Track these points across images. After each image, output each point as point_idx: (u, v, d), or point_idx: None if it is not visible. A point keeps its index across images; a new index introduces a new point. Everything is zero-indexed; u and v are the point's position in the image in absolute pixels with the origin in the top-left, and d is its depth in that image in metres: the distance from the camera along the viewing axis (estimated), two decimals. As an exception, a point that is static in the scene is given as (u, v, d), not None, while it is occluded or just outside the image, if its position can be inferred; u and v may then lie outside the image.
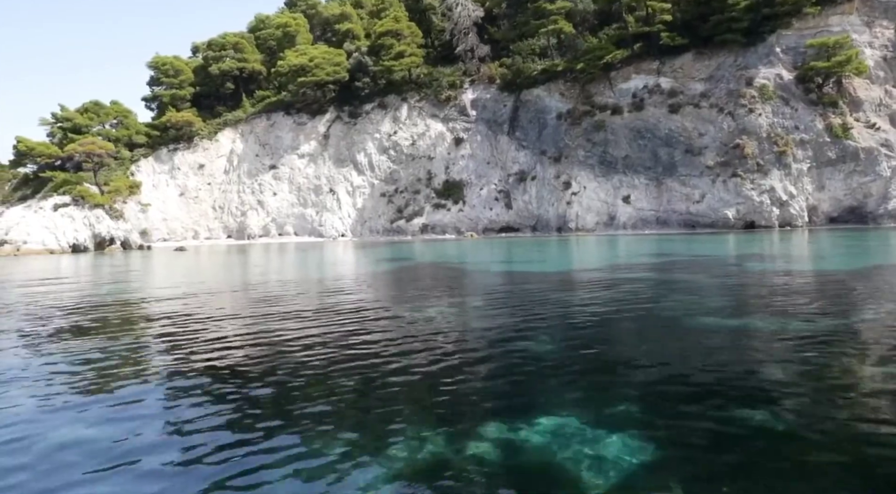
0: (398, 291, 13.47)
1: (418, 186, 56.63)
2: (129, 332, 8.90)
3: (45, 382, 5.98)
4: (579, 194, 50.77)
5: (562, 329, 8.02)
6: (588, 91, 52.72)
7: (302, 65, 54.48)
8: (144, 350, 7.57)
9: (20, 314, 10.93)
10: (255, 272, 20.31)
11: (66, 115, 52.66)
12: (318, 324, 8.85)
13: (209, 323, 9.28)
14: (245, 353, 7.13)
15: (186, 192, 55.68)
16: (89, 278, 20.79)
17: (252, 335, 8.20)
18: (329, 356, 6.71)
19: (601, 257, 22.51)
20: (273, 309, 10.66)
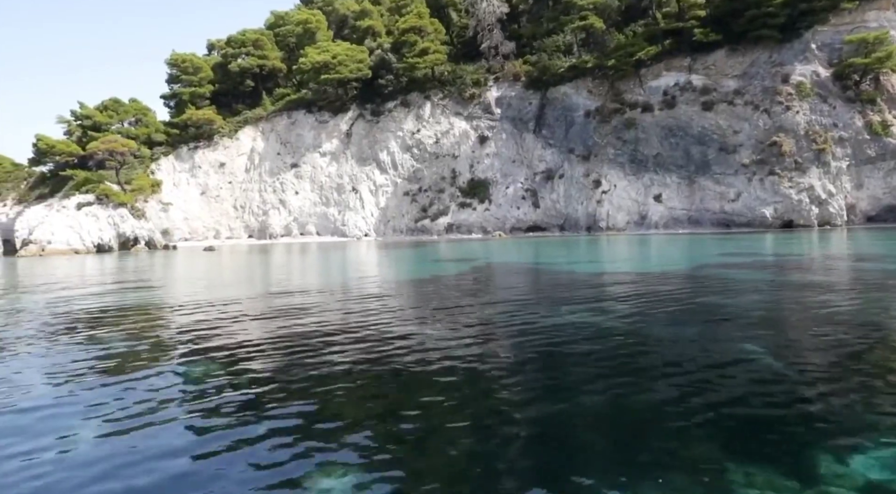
0: (515, 295, 12.47)
1: (442, 185, 55.74)
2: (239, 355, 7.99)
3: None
4: (609, 193, 49.91)
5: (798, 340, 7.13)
6: (617, 88, 51.86)
7: (325, 62, 53.57)
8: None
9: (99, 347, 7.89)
10: (316, 278, 19.32)
11: (85, 112, 51.71)
12: (466, 342, 7.93)
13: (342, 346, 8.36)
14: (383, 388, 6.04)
15: (207, 191, 54.75)
16: (143, 283, 19.86)
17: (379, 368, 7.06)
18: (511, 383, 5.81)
19: (676, 257, 21.64)
20: (382, 329, 9.71)
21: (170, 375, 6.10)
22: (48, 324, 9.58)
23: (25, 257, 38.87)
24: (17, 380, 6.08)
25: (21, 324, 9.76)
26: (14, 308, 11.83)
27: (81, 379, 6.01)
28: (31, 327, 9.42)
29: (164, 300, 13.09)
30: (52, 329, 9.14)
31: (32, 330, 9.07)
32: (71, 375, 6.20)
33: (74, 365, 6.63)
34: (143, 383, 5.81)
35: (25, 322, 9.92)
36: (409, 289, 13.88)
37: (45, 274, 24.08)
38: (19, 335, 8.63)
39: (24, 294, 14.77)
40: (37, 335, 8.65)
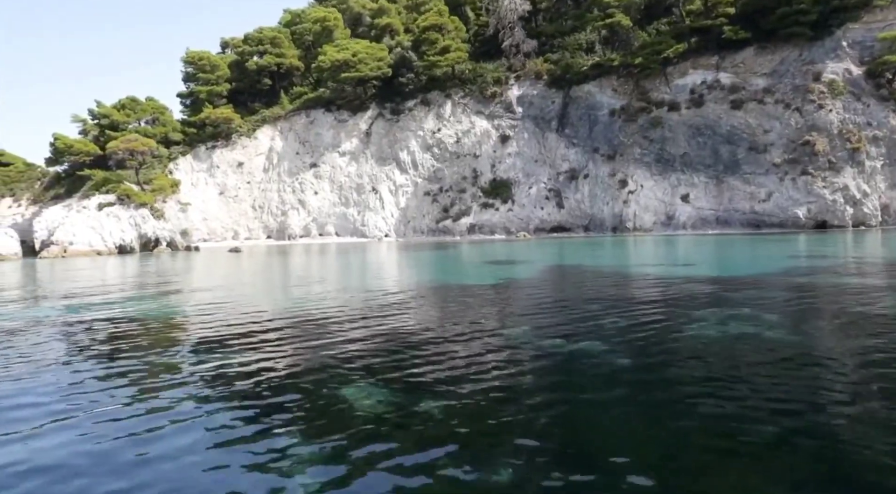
0: (629, 306, 11.57)
1: (464, 185, 54.98)
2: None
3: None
4: (636, 193, 49.19)
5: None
6: (643, 87, 51.15)
7: (345, 60, 52.79)
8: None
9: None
10: (372, 283, 18.50)
11: (103, 111, 50.88)
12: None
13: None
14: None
15: (226, 191, 53.95)
16: (182, 285, 19.06)
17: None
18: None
19: (745, 259, 20.86)
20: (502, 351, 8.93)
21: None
22: (101, 340, 8.79)
23: (47, 258, 38.04)
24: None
25: (75, 335, 8.98)
26: (59, 320, 11.05)
27: (166, 412, 5.22)
28: (84, 340, 8.65)
29: (225, 306, 12.29)
30: (111, 346, 8.37)
31: (87, 345, 8.30)
32: (155, 402, 5.44)
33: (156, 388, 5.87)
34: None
35: (78, 335, 9.13)
36: (512, 297, 13.05)
37: (76, 277, 23.32)
38: (75, 349, 7.86)
39: (67, 301, 13.98)
40: (91, 350, 7.88)
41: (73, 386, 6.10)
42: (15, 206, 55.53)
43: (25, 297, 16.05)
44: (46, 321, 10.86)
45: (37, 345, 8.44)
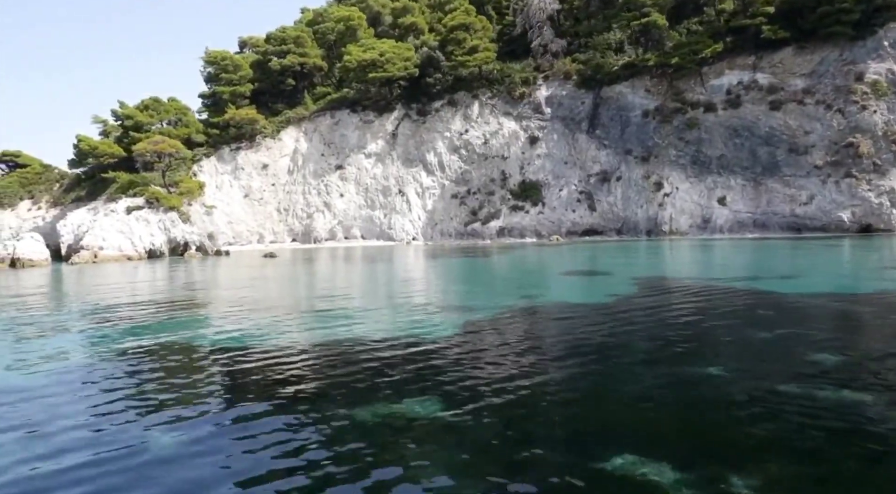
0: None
1: (492, 187, 54.03)
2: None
3: None
4: (672, 196, 48.28)
5: None
6: (677, 87, 50.24)
7: (372, 60, 51.80)
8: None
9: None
10: (451, 298, 17.51)
11: (126, 112, 49.83)
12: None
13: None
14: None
15: (251, 193, 52.94)
16: (239, 299, 18.07)
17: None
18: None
19: (843, 268, 19.94)
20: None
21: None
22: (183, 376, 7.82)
23: (79, 264, 37.01)
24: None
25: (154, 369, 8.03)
26: (126, 348, 10.09)
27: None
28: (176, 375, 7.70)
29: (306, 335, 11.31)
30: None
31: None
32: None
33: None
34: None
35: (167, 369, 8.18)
36: (642, 320, 12.08)
37: (119, 287, 22.34)
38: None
39: (127, 322, 13.00)
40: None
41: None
42: (35, 208, 54.53)
43: (77, 314, 15.05)
44: (109, 345, 9.90)
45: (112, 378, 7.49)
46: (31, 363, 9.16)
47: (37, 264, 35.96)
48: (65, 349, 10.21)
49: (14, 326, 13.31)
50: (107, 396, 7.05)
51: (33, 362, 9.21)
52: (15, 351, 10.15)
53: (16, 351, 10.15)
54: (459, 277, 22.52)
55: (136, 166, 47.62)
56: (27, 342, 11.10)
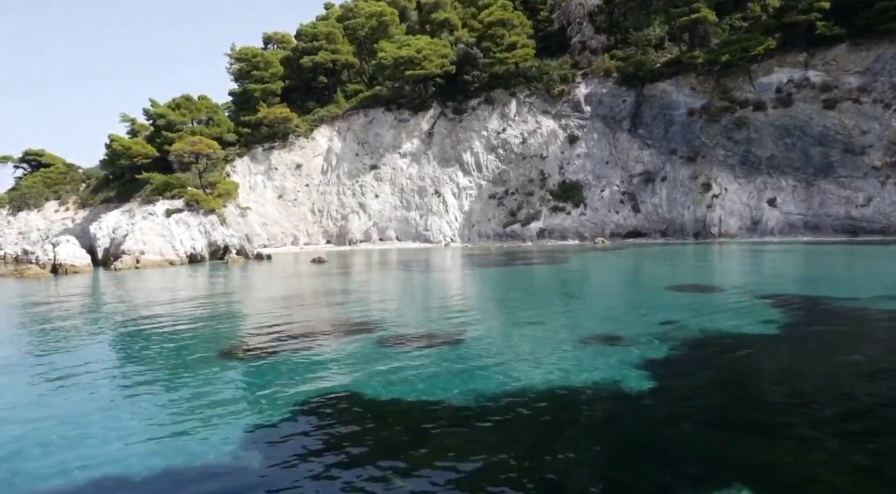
0: None
1: (531, 187, 52.72)
2: None
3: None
4: (721, 197, 47.00)
5: None
6: (724, 85, 48.87)
7: (409, 57, 50.41)
8: None
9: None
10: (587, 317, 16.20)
11: (158, 111, 48.49)
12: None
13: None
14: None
15: (285, 194, 51.66)
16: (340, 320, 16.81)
17: None
18: None
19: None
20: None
21: None
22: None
23: (122, 269, 35.77)
24: None
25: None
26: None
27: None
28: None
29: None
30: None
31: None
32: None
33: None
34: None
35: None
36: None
37: (201, 303, 21.10)
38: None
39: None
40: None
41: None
42: (62, 209, 53.29)
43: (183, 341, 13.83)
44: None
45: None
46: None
47: (80, 271, 34.70)
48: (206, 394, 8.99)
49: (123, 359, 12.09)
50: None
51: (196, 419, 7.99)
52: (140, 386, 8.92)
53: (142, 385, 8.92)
54: (553, 291, 21.23)
55: (172, 167, 46.37)
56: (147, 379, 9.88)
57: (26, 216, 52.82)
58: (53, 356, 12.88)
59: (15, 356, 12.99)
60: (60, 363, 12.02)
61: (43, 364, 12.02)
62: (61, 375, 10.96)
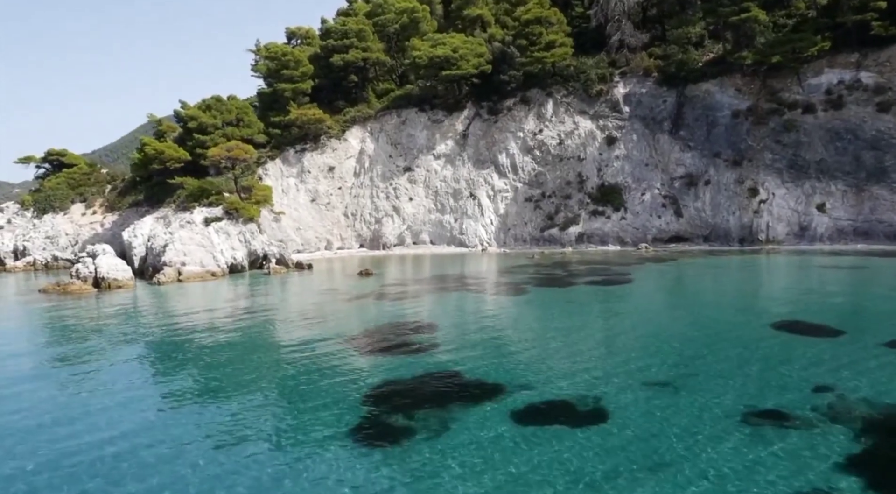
0: None
1: (568, 190, 51.51)
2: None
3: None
4: (768, 202, 45.83)
5: None
6: (771, 86, 47.54)
7: (445, 56, 49.00)
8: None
9: None
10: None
11: (190, 113, 47.14)
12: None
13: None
14: None
15: (318, 197, 50.45)
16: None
17: None
18: None
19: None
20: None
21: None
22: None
23: (166, 283, 34.68)
24: None
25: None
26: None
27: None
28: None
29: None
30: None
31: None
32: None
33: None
34: None
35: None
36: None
37: (303, 325, 20.06)
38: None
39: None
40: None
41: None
42: (89, 213, 52.12)
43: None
44: None
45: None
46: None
47: (122, 285, 33.61)
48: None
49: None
50: None
51: None
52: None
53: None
54: (649, 331, 20.21)
55: (206, 171, 45.18)
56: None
57: (52, 219, 51.63)
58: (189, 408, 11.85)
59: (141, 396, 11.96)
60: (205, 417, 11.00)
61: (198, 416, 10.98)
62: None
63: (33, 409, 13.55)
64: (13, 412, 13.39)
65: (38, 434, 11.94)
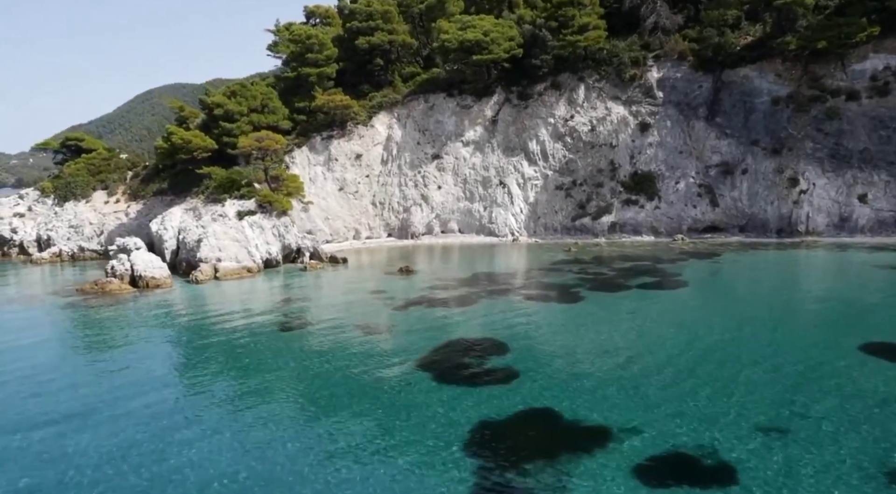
0: None
1: (600, 178, 50.44)
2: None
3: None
4: (809, 193, 44.85)
5: None
6: (813, 72, 46.14)
7: (476, 40, 47.49)
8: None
9: None
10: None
11: (216, 100, 45.85)
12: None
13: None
14: None
15: (346, 186, 49.48)
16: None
17: None
18: None
19: None
20: None
21: None
22: None
23: (203, 281, 34.03)
24: None
25: None
26: None
27: None
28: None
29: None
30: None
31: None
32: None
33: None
34: None
35: None
36: None
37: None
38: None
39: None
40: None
41: None
42: (112, 201, 51.25)
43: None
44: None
45: None
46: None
47: (161, 284, 32.97)
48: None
49: None
50: None
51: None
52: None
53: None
54: (737, 359, 19.53)
55: (234, 160, 44.22)
56: None
57: (74, 208, 50.76)
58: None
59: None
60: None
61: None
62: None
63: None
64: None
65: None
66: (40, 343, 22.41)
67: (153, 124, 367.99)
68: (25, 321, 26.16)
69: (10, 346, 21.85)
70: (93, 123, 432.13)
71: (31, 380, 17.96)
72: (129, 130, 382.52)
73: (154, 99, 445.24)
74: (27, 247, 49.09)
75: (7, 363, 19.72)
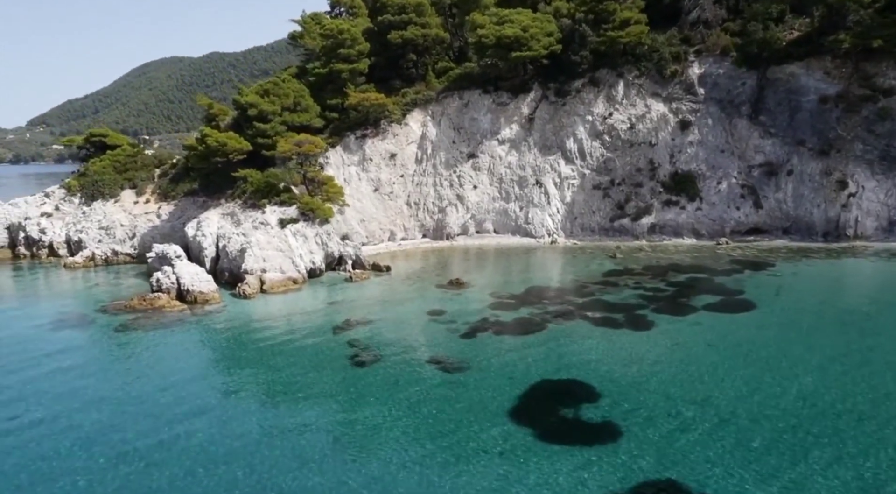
0: None
1: (639, 177, 49.42)
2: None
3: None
4: (858, 196, 43.86)
5: None
6: (865, 70, 44.77)
7: (515, 37, 46.09)
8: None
9: None
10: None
11: (249, 100, 44.64)
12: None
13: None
14: None
15: (380, 186, 48.52)
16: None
17: None
18: None
19: None
20: None
21: None
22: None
23: (251, 295, 33.32)
24: None
25: None
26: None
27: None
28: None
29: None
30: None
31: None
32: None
33: None
34: None
35: None
36: None
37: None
38: None
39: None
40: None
41: None
42: (142, 201, 50.34)
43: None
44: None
45: None
46: None
47: (209, 299, 32.29)
48: None
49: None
50: None
51: None
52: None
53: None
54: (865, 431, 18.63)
55: (268, 161, 43.25)
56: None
57: (103, 208, 49.86)
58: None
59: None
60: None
61: None
62: None
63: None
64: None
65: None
66: (119, 388, 20.94)
67: (150, 99, 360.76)
68: (83, 350, 25.26)
69: (80, 393, 20.89)
70: (89, 98, 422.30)
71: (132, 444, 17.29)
72: (127, 104, 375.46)
73: (151, 72, 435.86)
74: (57, 249, 48.33)
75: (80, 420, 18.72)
